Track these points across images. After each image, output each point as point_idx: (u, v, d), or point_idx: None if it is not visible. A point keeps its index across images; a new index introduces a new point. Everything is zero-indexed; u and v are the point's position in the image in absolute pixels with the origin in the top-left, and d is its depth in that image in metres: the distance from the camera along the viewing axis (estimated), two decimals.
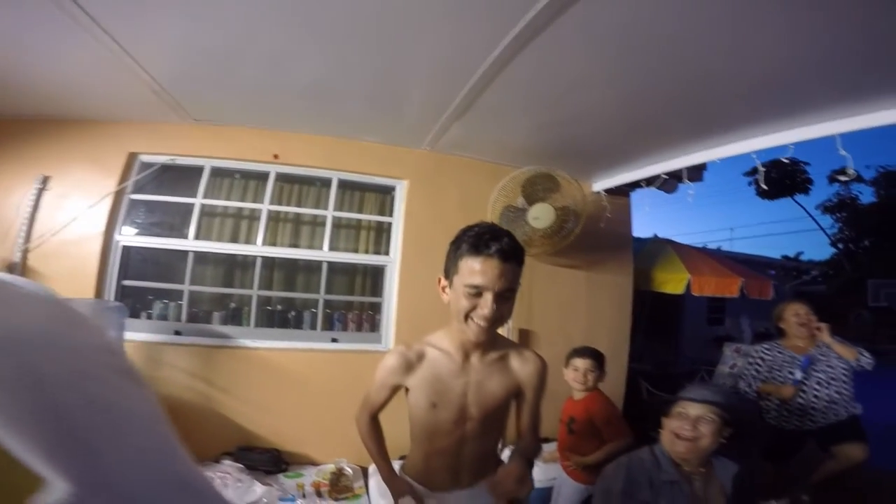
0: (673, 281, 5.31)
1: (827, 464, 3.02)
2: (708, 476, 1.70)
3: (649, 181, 3.68)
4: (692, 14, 1.75)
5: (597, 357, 2.70)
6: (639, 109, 2.67)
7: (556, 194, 3.39)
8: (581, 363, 2.67)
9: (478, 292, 1.31)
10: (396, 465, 1.67)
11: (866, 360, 2.92)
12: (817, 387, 2.97)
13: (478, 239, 1.31)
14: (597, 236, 4.01)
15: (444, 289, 1.44)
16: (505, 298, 1.34)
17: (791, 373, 3.01)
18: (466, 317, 1.35)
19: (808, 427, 2.97)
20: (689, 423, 1.67)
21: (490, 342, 1.49)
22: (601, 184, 4.09)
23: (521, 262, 1.36)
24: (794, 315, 3.12)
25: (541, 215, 3.31)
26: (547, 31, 1.92)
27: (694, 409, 1.69)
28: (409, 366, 1.50)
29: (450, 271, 1.39)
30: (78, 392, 0.40)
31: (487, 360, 1.51)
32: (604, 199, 4.03)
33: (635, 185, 3.98)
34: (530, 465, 1.41)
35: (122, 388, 0.45)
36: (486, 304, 1.30)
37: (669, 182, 3.85)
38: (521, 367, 1.55)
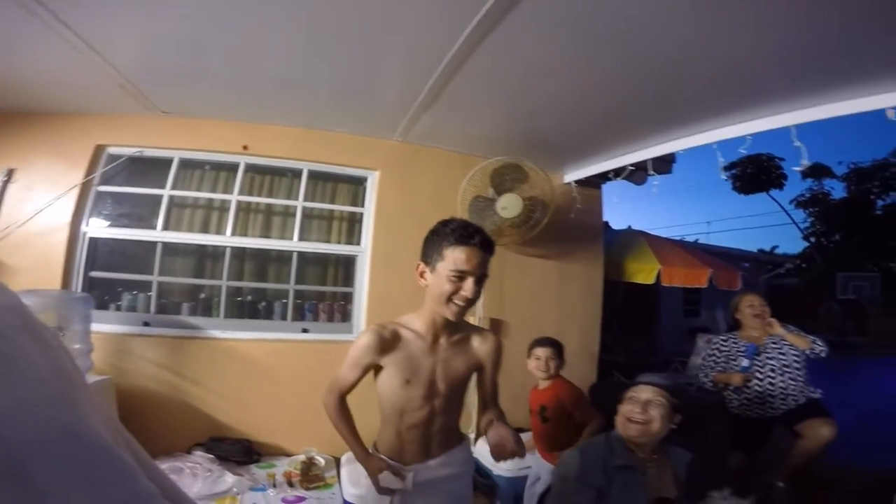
0: (644, 271, 5.44)
1: (798, 444, 3.05)
2: (661, 463, 1.75)
3: (617, 172, 3.75)
4: (651, 3, 1.80)
5: (555, 345, 2.81)
6: (603, 99, 2.73)
7: (524, 184, 3.45)
8: (542, 351, 2.77)
9: (461, 277, 1.49)
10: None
11: (820, 347, 2.99)
12: (771, 374, 3.04)
13: (463, 231, 1.50)
14: (567, 227, 4.08)
15: (422, 274, 1.58)
16: (480, 283, 1.53)
17: (740, 361, 3.10)
18: (448, 299, 1.51)
19: (771, 414, 3.03)
20: (639, 407, 1.73)
21: (455, 324, 1.64)
22: (572, 175, 4.16)
23: (493, 253, 1.56)
24: (749, 306, 3.20)
25: (509, 205, 3.37)
26: (506, 20, 1.96)
27: (644, 393, 1.76)
28: (384, 345, 1.59)
29: (432, 258, 1.53)
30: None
31: (453, 340, 1.67)
32: (574, 190, 4.10)
33: (606, 176, 4.06)
34: None
35: (22, 344, 0.47)
36: (469, 287, 1.49)
37: (638, 174, 3.93)
38: (481, 345, 1.73)
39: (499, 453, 1.47)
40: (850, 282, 15.85)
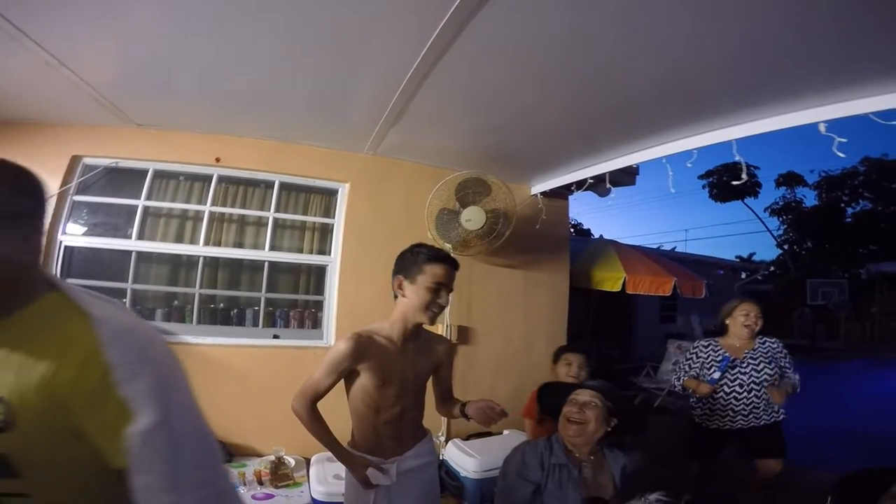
0: (610, 279, 5.64)
1: (753, 475, 3.10)
2: (598, 464, 1.91)
3: (579, 185, 3.93)
4: (600, 25, 1.92)
5: (586, 355, 2.88)
6: (562, 115, 2.89)
7: (487, 198, 3.61)
8: (575, 358, 2.81)
9: (439, 288, 1.76)
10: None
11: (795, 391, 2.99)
12: (739, 389, 2.95)
13: (439, 251, 1.82)
14: (534, 237, 4.26)
15: (401, 286, 1.82)
16: (449, 293, 1.82)
17: (713, 372, 3.01)
18: (427, 307, 1.76)
19: (729, 427, 2.99)
20: (577, 408, 1.90)
21: (418, 332, 1.88)
22: (538, 187, 4.32)
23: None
24: (744, 314, 3.03)
25: (472, 217, 3.52)
26: (458, 42, 2.07)
27: (582, 396, 1.93)
28: (361, 352, 1.75)
29: (412, 273, 1.79)
30: (165, 366, 0.82)
31: (418, 344, 1.90)
32: (540, 201, 4.27)
33: (570, 188, 4.23)
34: None
35: (177, 365, 0.84)
36: (445, 297, 1.79)
37: (600, 186, 4.11)
38: (439, 347, 1.99)
39: (488, 417, 1.80)
40: (819, 288, 16.33)
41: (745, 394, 2.95)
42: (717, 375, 2.97)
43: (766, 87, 2.32)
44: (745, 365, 2.98)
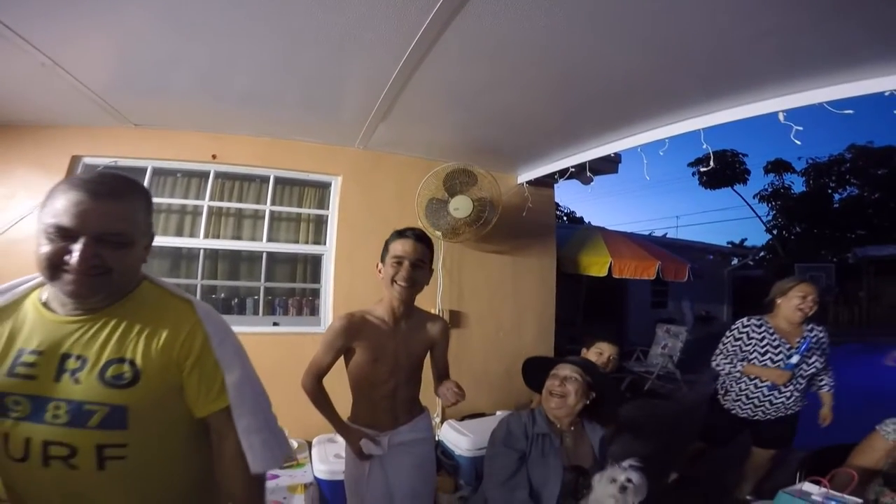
0: (597, 264, 5.80)
1: (750, 459, 3.09)
2: (578, 435, 2.08)
3: (561, 174, 4.09)
4: (571, 27, 2.04)
5: (618, 346, 2.85)
6: (542, 109, 3.03)
7: (473, 187, 3.77)
8: (607, 347, 2.78)
9: (399, 261, 1.85)
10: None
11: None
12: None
13: (402, 229, 1.92)
14: (522, 224, 4.42)
15: (379, 270, 1.95)
16: (417, 267, 1.88)
17: (786, 356, 2.73)
18: (392, 281, 1.85)
19: (759, 417, 2.84)
20: (558, 381, 2.06)
21: (410, 311, 1.99)
22: (524, 176, 4.47)
23: (429, 246, 1.95)
24: (800, 296, 2.77)
25: (460, 206, 3.69)
26: (440, 42, 2.19)
27: (563, 370, 2.10)
28: (353, 330, 1.88)
29: (383, 255, 1.93)
30: (235, 337, 1.15)
31: (411, 323, 2.00)
32: (526, 189, 4.43)
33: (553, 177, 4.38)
34: None
35: (235, 338, 1.15)
36: (405, 268, 1.84)
37: (582, 174, 4.27)
38: (433, 327, 2.07)
39: (446, 397, 1.87)
40: (807, 272, 16.50)
41: (792, 385, 2.76)
42: (795, 360, 2.69)
43: (727, 79, 2.45)
44: (810, 351, 2.77)
